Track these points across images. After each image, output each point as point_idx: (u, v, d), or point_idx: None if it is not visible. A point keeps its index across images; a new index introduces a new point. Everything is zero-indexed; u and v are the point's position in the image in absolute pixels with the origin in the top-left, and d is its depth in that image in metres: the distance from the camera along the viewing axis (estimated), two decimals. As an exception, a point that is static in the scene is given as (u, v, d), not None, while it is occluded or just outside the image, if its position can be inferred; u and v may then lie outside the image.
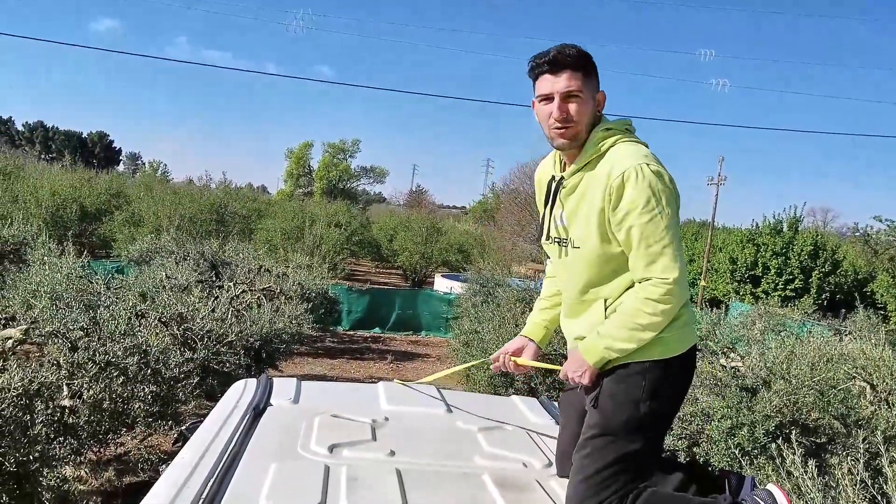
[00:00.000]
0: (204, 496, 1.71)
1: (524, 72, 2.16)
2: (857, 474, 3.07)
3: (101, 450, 5.13)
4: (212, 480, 1.79)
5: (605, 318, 2.11)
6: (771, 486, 2.07)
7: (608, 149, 2.06)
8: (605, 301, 2.12)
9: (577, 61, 2.07)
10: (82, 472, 5.24)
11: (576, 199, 2.11)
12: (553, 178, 2.20)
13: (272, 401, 2.56)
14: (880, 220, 16.55)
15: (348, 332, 13.65)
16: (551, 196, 2.19)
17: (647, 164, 1.98)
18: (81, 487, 5.21)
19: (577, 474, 2.01)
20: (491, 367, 2.53)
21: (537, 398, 3.05)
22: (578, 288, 2.17)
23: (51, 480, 3.99)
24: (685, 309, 2.10)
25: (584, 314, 2.18)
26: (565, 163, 2.18)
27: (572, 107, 2.07)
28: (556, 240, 2.20)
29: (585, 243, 2.10)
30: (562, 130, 2.09)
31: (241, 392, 2.63)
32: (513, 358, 2.46)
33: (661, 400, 2.05)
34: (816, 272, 19.50)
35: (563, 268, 2.23)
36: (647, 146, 2.10)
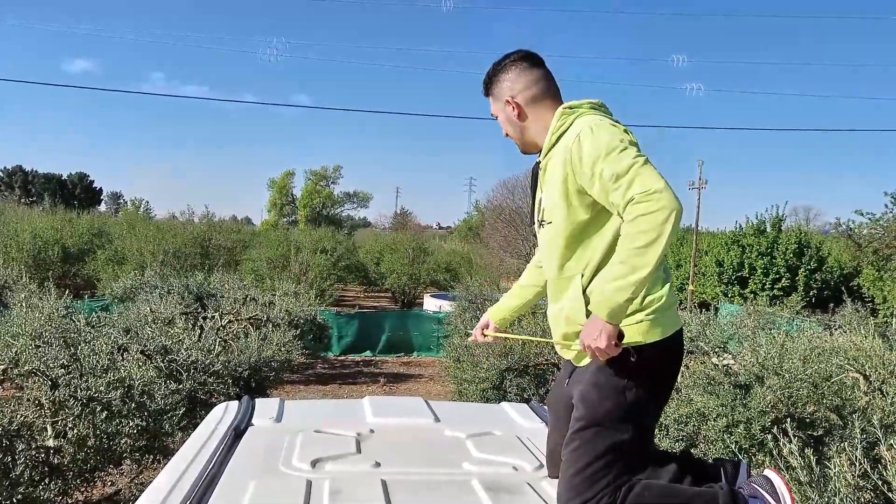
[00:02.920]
0: (180, 518, 1.65)
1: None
2: (856, 461, 3.03)
3: (89, 489, 5.01)
4: (188, 501, 1.72)
5: (584, 293, 2.05)
6: (768, 472, 2.02)
7: (569, 127, 2.08)
8: (581, 277, 2.07)
9: (485, 89, 2.27)
10: (71, 514, 5.11)
11: (547, 177, 2.14)
12: (537, 163, 2.24)
13: (254, 421, 2.50)
14: (861, 214, 16.58)
15: (339, 358, 13.52)
16: (536, 182, 2.24)
17: (600, 120, 2.02)
18: (71, 529, 5.08)
19: (567, 469, 1.95)
20: (468, 339, 2.65)
21: (528, 403, 3.00)
22: (556, 264, 2.13)
23: (37, 523, 3.88)
24: (666, 291, 2.04)
25: (566, 292, 2.12)
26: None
27: (502, 126, 2.27)
28: (540, 221, 2.20)
29: (554, 215, 2.08)
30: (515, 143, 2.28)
31: (221, 414, 2.57)
32: (485, 332, 2.55)
33: (647, 386, 1.99)
34: (802, 270, 19.61)
35: (542, 247, 2.22)
36: (614, 121, 2.10)
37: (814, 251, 20.10)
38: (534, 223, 2.28)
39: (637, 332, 1.99)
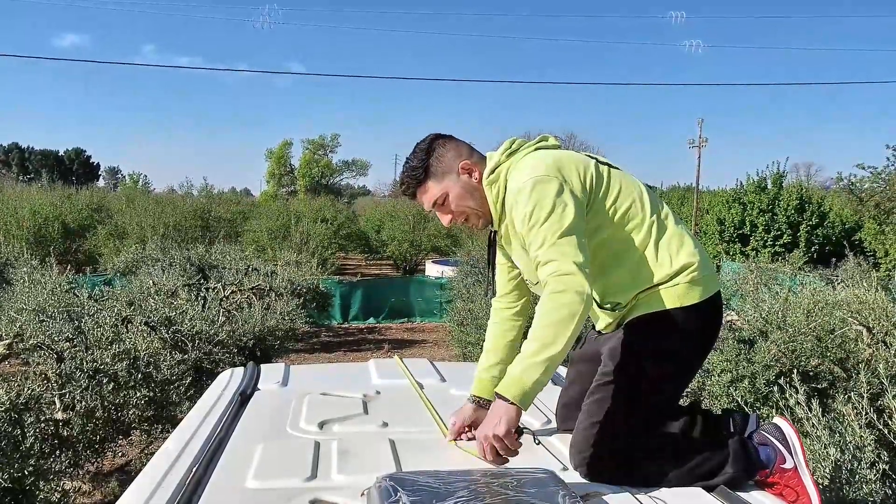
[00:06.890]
0: (188, 482, 1.65)
1: (495, 48, 2.12)
2: (862, 410, 3.04)
3: (100, 460, 5.05)
4: (197, 465, 1.73)
5: (601, 306, 2.03)
6: (777, 420, 2.03)
7: (506, 187, 2.02)
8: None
9: (416, 181, 2.06)
10: (83, 485, 5.16)
11: (516, 243, 2.05)
12: (493, 233, 2.16)
13: (260, 386, 2.51)
14: (863, 168, 16.53)
15: (343, 326, 13.57)
16: (493, 252, 2.18)
17: (525, 179, 1.93)
18: (84, 501, 5.14)
19: (585, 419, 1.94)
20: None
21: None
22: None
23: (49, 495, 3.92)
24: (700, 252, 2.02)
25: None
26: None
27: (452, 205, 2.06)
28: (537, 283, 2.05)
29: (532, 276, 2.02)
30: (467, 224, 2.12)
31: (227, 380, 2.58)
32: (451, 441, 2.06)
33: (678, 349, 1.96)
34: (804, 226, 19.52)
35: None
36: (532, 147, 2.06)
37: (815, 207, 20.00)
38: (489, 293, 2.19)
39: (675, 295, 1.95)
